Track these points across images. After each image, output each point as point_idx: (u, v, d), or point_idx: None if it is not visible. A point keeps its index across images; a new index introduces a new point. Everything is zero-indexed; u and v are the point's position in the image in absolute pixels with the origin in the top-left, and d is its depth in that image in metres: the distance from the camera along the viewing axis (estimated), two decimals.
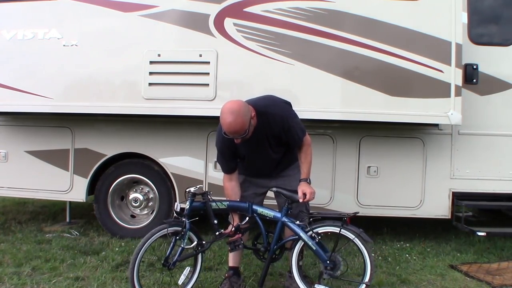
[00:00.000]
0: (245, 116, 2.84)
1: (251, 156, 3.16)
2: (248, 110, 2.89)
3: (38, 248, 4.25)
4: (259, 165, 3.24)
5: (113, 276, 3.57)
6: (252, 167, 3.27)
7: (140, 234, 4.58)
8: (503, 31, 4.42)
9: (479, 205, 4.57)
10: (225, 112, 2.85)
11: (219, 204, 3.11)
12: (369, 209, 4.46)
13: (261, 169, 3.26)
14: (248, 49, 4.15)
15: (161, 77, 4.28)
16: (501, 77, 4.33)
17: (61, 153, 4.75)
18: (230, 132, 2.86)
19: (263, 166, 3.24)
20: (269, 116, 3.00)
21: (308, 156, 3.17)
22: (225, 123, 2.84)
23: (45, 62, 4.44)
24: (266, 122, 3.00)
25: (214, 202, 3.11)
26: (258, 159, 3.18)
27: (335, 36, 4.06)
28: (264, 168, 3.25)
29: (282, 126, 3.03)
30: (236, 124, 2.82)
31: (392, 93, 4.05)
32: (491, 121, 4.36)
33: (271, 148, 3.13)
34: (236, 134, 2.86)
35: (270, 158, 3.18)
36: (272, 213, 3.18)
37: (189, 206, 3.07)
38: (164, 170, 4.64)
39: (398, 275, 3.69)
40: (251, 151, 3.12)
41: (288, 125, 3.04)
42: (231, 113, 2.82)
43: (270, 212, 3.18)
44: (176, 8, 4.27)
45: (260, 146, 3.09)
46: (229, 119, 2.81)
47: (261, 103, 3.08)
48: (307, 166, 3.16)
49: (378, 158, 4.45)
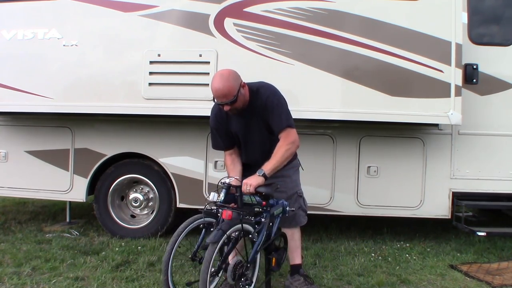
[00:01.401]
0: (234, 81, 2.92)
1: (244, 137, 3.16)
2: (238, 78, 2.97)
3: (38, 248, 4.25)
4: (253, 153, 3.18)
5: (113, 276, 3.56)
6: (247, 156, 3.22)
7: (140, 234, 4.62)
8: (503, 31, 4.42)
9: (479, 205, 4.57)
10: (215, 77, 2.95)
11: (252, 199, 2.95)
12: (369, 209, 4.47)
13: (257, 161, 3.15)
14: (248, 49, 4.15)
15: (161, 77, 4.28)
16: (501, 77, 4.33)
17: (61, 153, 4.75)
18: (218, 96, 2.91)
19: (257, 154, 3.16)
20: (260, 95, 3.05)
21: (281, 149, 2.99)
22: (213, 87, 2.91)
23: (45, 62, 4.44)
24: (257, 100, 3.04)
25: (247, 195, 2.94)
26: (251, 143, 3.16)
27: (335, 36, 4.06)
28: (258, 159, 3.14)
29: (268, 105, 3.02)
30: (224, 88, 2.87)
31: (392, 93, 4.05)
32: (491, 121, 4.36)
33: (261, 132, 3.11)
34: (224, 98, 2.90)
35: (262, 144, 3.13)
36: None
37: (223, 197, 2.90)
38: (164, 170, 4.64)
39: (398, 275, 3.69)
40: (244, 131, 3.13)
41: (272, 105, 3.03)
42: (220, 77, 2.92)
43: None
44: (176, 8, 4.27)
45: (252, 126, 3.10)
46: (218, 82, 2.90)
47: (256, 83, 3.14)
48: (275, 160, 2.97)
49: (378, 158, 4.45)
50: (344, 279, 3.62)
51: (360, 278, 3.62)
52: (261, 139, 3.15)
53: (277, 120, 3.03)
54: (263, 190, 2.93)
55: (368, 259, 4.06)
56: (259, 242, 2.85)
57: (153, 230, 4.64)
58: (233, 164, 3.20)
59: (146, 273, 3.65)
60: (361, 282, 3.53)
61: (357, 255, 4.15)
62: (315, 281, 3.49)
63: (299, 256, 3.40)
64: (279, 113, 3.04)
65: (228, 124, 3.16)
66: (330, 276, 3.65)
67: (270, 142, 3.13)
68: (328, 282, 3.55)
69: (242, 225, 2.76)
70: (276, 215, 3.05)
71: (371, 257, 4.12)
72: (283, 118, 3.04)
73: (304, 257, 4.06)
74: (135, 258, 4.00)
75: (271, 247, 3.06)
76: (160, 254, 4.00)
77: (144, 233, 4.63)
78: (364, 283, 3.52)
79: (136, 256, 4.05)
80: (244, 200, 2.92)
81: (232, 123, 3.14)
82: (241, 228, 2.76)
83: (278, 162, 2.99)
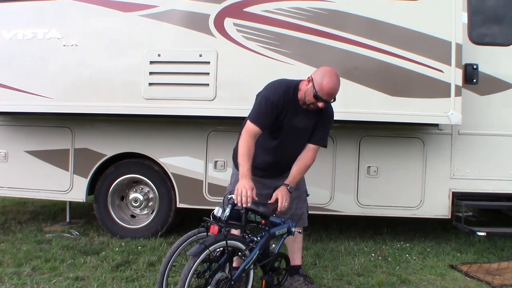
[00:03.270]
0: None
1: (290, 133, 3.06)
2: None
3: (38, 248, 4.25)
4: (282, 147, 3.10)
5: (113, 276, 3.56)
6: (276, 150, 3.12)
7: (140, 234, 4.63)
8: (503, 31, 4.42)
9: (479, 205, 4.57)
10: (331, 73, 2.93)
11: (257, 218, 2.90)
12: (369, 209, 4.47)
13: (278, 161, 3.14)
14: (248, 49, 4.15)
15: (161, 77, 4.28)
16: (501, 77, 4.33)
17: (61, 153, 4.75)
18: (330, 93, 2.90)
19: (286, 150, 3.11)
20: (328, 107, 3.08)
21: (306, 165, 3.10)
22: (330, 83, 2.88)
23: (45, 62, 4.44)
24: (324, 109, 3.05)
25: (253, 213, 2.88)
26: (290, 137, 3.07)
27: (335, 36, 4.06)
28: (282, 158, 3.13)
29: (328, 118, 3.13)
30: (337, 87, 2.92)
31: (392, 93, 4.05)
32: (491, 121, 4.35)
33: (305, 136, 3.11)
34: (331, 97, 2.93)
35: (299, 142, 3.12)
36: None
37: (228, 213, 2.79)
38: (164, 170, 4.64)
39: (398, 275, 3.69)
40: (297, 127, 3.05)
41: (330, 120, 3.15)
42: (336, 76, 2.94)
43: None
44: (176, 8, 4.27)
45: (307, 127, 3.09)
46: (336, 81, 2.92)
47: None
48: (299, 174, 3.07)
49: (378, 158, 4.44)
50: (344, 279, 3.62)
51: (360, 278, 3.62)
52: (303, 140, 3.13)
53: (322, 135, 3.14)
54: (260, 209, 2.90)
55: (368, 259, 4.06)
56: (248, 261, 2.78)
57: (153, 230, 4.64)
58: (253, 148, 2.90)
59: (146, 273, 3.65)
60: (361, 282, 3.53)
61: (357, 255, 4.15)
62: (315, 281, 3.49)
63: (300, 257, 3.40)
64: (328, 131, 3.17)
65: (288, 112, 3.00)
66: (330, 276, 3.65)
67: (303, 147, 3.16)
68: (328, 282, 3.55)
69: (226, 242, 2.67)
70: (278, 235, 2.97)
71: (371, 257, 4.12)
72: (326, 137, 3.17)
73: (304, 257, 4.06)
74: (135, 258, 4.00)
75: (267, 268, 2.97)
76: (160, 254, 4.01)
77: (144, 233, 4.63)
78: (364, 283, 3.52)
79: (136, 256, 4.05)
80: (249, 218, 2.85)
81: (293, 114, 3.01)
82: (225, 245, 2.69)
83: (301, 175, 3.12)
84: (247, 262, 2.77)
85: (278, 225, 2.95)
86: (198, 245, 2.65)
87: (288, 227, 3.00)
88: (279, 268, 3.05)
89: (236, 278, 2.74)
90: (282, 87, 3.02)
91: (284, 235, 3.00)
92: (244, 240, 2.84)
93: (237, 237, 2.85)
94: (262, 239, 2.86)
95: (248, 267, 2.79)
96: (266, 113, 2.95)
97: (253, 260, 2.79)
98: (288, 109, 2.99)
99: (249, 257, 2.78)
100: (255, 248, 2.81)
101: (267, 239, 2.88)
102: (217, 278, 2.72)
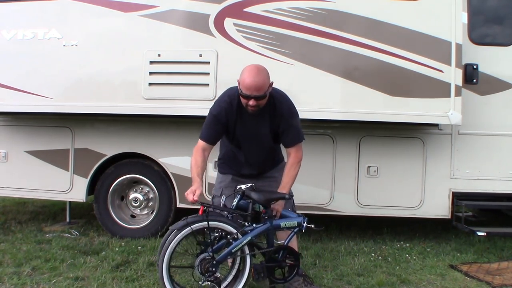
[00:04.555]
0: (267, 78, 2.89)
1: (248, 140, 3.10)
2: (269, 75, 2.92)
3: (38, 248, 4.25)
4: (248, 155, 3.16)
5: (113, 276, 3.56)
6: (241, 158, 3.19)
7: (140, 234, 4.63)
8: (503, 31, 4.42)
9: (479, 205, 4.57)
10: (251, 68, 2.88)
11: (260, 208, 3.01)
12: (369, 209, 4.47)
13: (249, 164, 3.19)
14: (248, 49, 4.15)
15: (161, 77, 4.29)
16: (501, 77, 4.33)
17: (61, 153, 4.75)
18: (252, 88, 2.81)
19: (253, 157, 3.17)
20: (279, 104, 3.02)
21: (295, 169, 3.07)
22: (249, 78, 2.82)
23: (45, 62, 4.44)
24: (275, 106, 3.01)
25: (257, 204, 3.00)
26: (251, 145, 3.11)
27: (335, 36, 4.06)
28: (252, 161, 3.18)
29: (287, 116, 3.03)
30: (259, 80, 2.82)
31: (392, 93, 4.05)
32: (491, 121, 4.36)
33: (268, 139, 3.10)
34: (256, 91, 2.82)
35: (261, 147, 3.13)
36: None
37: (236, 202, 3.00)
38: (164, 170, 4.64)
39: (398, 275, 3.69)
40: (251, 133, 3.06)
41: (292, 117, 3.05)
42: (257, 69, 2.87)
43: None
44: (176, 8, 4.27)
45: (261, 129, 3.06)
46: (255, 74, 2.83)
47: (280, 91, 3.11)
48: (292, 181, 3.07)
49: (378, 158, 4.44)
50: (344, 279, 3.62)
51: (360, 278, 3.62)
52: (265, 145, 3.14)
53: (293, 134, 3.07)
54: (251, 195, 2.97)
55: (368, 259, 4.06)
56: (236, 244, 2.85)
57: (153, 230, 4.63)
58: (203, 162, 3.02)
59: (146, 273, 3.65)
60: (361, 282, 3.53)
61: (357, 255, 4.15)
62: (315, 281, 3.49)
63: None
64: (296, 127, 3.07)
65: (235, 121, 3.03)
66: (330, 276, 3.65)
67: (271, 149, 3.17)
68: (328, 282, 3.55)
69: (208, 222, 2.80)
70: (285, 227, 3.03)
71: (371, 257, 4.11)
72: (298, 134, 3.09)
73: (304, 257, 4.06)
74: (135, 258, 4.00)
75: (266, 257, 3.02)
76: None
77: (144, 233, 4.63)
78: (364, 283, 3.52)
79: (136, 256, 4.05)
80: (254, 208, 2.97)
81: (241, 122, 3.04)
82: (206, 225, 2.81)
83: (293, 180, 3.08)
84: (235, 245, 2.84)
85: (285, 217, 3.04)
86: (181, 221, 2.85)
87: (299, 222, 3.03)
88: (280, 261, 3.05)
89: (220, 259, 2.84)
90: (224, 99, 3.06)
91: (294, 229, 3.04)
92: (236, 224, 2.92)
93: (225, 219, 2.91)
94: (260, 227, 2.94)
95: (235, 251, 2.87)
96: (210, 127, 3.04)
97: (242, 244, 2.86)
98: (236, 119, 3.03)
99: (238, 241, 2.85)
100: (248, 234, 2.88)
101: (266, 229, 2.95)
102: (201, 257, 2.87)
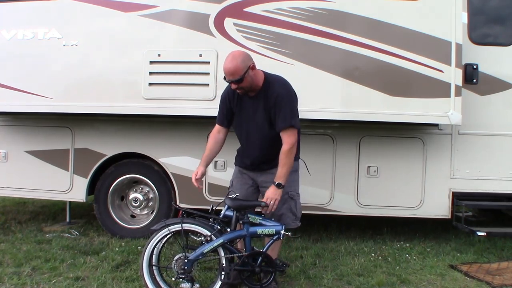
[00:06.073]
0: (242, 62, 3.04)
1: (246, 123, 3.23)
2: (247, 59, 3.09)
3: (38, 248, 4.25)
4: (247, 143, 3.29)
5: (113, 276, 3.56)
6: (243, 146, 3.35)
7: (140, 234, 4.62)
8: (503, 31, 4.42)
9: (479, 205, 4.58)
10: (227, 56, 3.10)
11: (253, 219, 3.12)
12: (369, 209, 4.47)
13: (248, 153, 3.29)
14: (248, 49, 4.13)
15: (161, 77, 4.28)
16: (501, 77, 4.33)
17: (61, 153, 4.75)
18: (226, 73, 3.06)
19: (251, 144, 3.25)
20: (274, 87, 3.13)
21: (289, 157, 3.06)
22: (223, 65, 3.07)
23: (45, 62, 4.44)
24: (269, 90, 3.12)
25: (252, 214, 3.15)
26: (248, 131, 3.23)
27: (335, 36, 4.06)
28: (251, 149, 3.26)
29: (278, 98, 3.08)
30: (231, 66, 3.02)
31: (392, 93, 4.05)
32: (491, 121, 4.36)
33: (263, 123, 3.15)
34: (231, 76, 3.03)
35: (259, 134, 3.18)
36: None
37: (224, 212, 3.16)
38: (164, 170, 4.64)
39: (398, 275, 3.69)
40: (247, 115, 3.21)
41: (282, 99, 3.09)
42: (232, 56, 3.07)
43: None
44: (176, 8, 4.27)
45: (257, 112, 3.16)
46: (228, 61, 3.05)
47: (275, 75, 3.26)
48: (286, 169, 3.05)
49: (378, 158, 4.45)
50: (344, 279, 3.62)
51: (360, 278, 3.62)
52: (262, 132, 3.17)
53: (283, 116, 3.08)
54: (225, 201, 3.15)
55: (368, 259, 4.07)
56: (207, 246, 2.99)
57: None
58: (215, 144, 3.35)
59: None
60: (361, 282, 3.54)
61: (357, 255, 4.15)
62: (315, 281, 3.50)
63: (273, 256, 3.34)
64: (286, 110, 3.08)
65: (236, 106, 3.26)
66: (330, 276, 3.65)
67: (270, 138, 3.17)
68: (328, 282, 3.55)
69: (182, 224, 3.02)
70: (262, 234, 3.10)
71: (371, 257, 4.12)
72: (289, 116, 3.08)
73: (304, 257, 4.07)
74: (135, 258, 4.00)
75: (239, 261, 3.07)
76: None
77: (144, 233, 4.61)
78: (364, 283, 3.52)
79: (136, 256, 4.05)
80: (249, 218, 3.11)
81: (239, 107, 3.24)
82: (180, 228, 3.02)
83: (288, 168, 3.08)
84: (207, 246, 3.00)
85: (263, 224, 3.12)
86: (160, 222, 3.11)
87: (277, 230, 3.07)
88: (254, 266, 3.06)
89: (192, 258, 2.98)
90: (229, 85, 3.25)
91: (274, 236, 3.09)
92: (211, 227, 3.05)
93: (199, 222, 3.08)
94: (234, 232, 3.07)
95: (207, 252, 3.00)
96: (220, 109, 3.38)
97: (213, 246, 2.99)
98: (236, 103, 3.26)
99: (210, 243, 2.99)
100: (220, 237, 3.00)
101: (241, 234, 3.08)
102: (176, 257, 3.06)
